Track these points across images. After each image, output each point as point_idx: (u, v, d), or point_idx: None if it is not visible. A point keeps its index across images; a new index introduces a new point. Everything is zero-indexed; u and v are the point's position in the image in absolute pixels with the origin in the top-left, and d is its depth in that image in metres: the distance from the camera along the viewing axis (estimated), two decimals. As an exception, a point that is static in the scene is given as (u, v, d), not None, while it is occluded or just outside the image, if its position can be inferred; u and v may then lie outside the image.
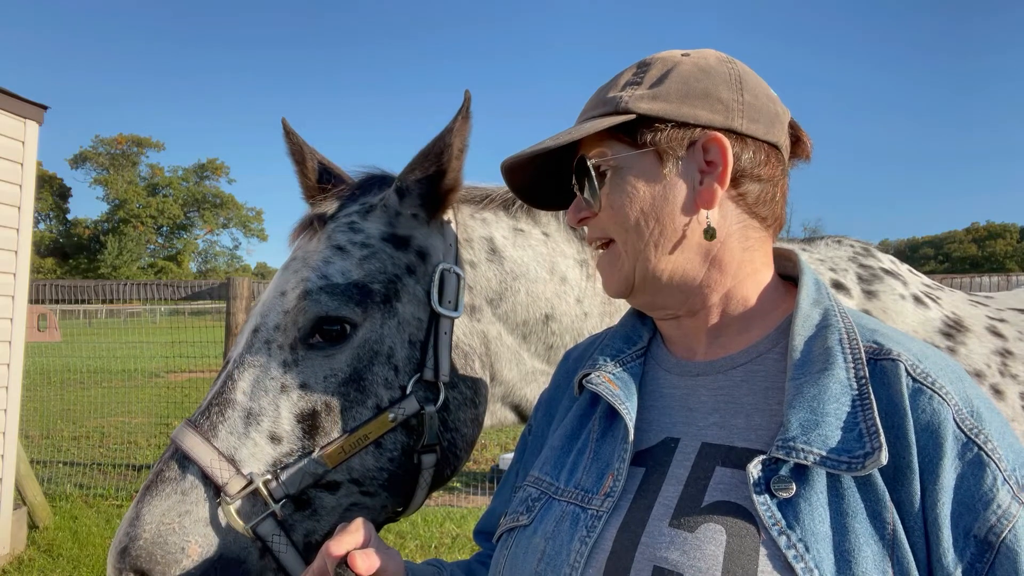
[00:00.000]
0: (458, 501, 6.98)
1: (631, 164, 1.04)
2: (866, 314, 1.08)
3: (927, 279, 1.90)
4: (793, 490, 0.83)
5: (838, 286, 1.73)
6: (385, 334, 1.39)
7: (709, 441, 0.95)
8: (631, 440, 0.99)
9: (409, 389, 1.38)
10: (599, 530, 0.92)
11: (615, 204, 1.05)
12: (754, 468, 0.86)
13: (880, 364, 0.90)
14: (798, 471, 0.85)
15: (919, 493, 0.82)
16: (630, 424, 1.00)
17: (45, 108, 5.87)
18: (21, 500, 5.98)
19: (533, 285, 1.61)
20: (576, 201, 1.13)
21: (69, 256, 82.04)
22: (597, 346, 1.19)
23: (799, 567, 0.79)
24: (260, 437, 1.30)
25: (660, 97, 1.03)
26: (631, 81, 1.07)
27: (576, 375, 1.16)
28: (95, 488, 7.46)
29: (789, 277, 1.11)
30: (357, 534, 1.03)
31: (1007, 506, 0.81)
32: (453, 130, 1.45)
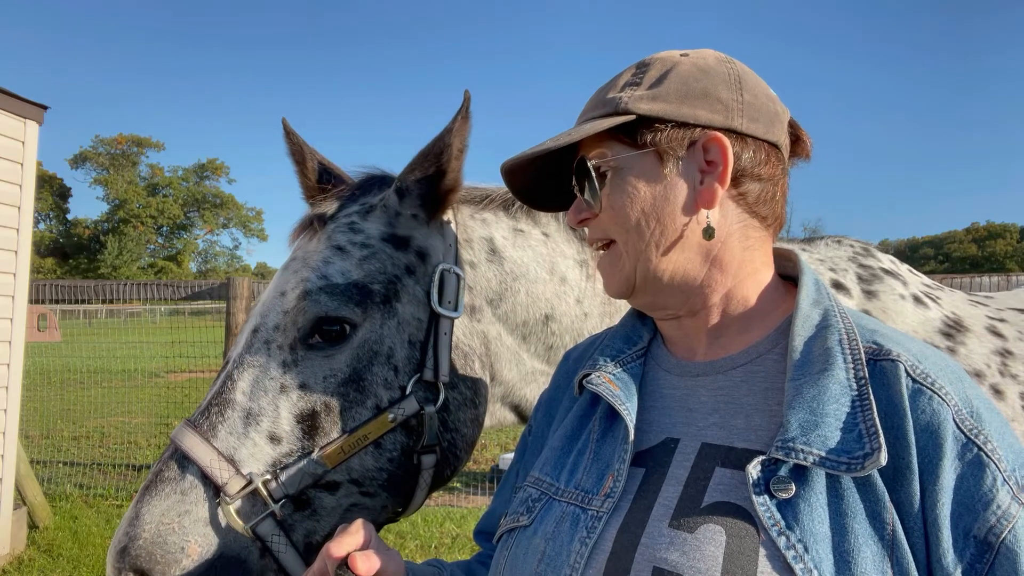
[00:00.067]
0: (458, 501, 6.98)
1: (631, 165, 1.04)
2: (866, 314, 1.08)
3: (927, 279, 1.90)
4: (792, 491, 0.83)
5: (838, 286, 1.73)
6: (385, 334, 1.39)
7: (709, 441, 0.95)
8: (631, 441, 0.99)
9: (409, 389, 1.38)
10: (599, 531, 0.92)
11: (616, 205, 1.05)
12: (753, 469, 0.86)
13: (880, 365, 0.90)
14: (797, 472, 0.85)
15: (919, 494, 0.82)
16: (630, 425, 1.00)
17: (45, 108, 5.87)
18: (21, 500, 5.98)
19: (533, 285, 1.61)
20: (576, 202, 1.13)
21: (69, 256, 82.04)
22: (597, 346, 1.19)
23: (798, 568, 0.79)
24: (259, 437, 1.30)
25: (660, 97, 1.02)
26: (630, 82, 1.07)
27: (576, 375, 1.16)
28: (95, 488, 7.46)
29: (789, 277, 1.11)
30: (357, 535, 1.02)
31: (1007, 507, 0.81)
32: (453, 130, 1.45)
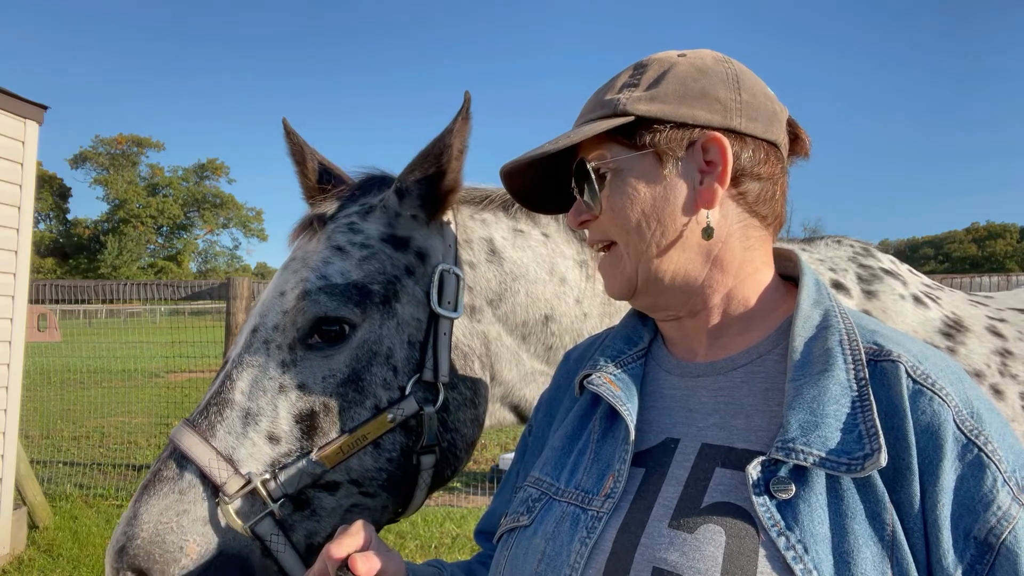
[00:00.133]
0: (458, 501, 6.98)
1: (631, 166, 1.04)
2: (866, 314, 1.08)
3: (927, 279, 1.90)
4: (792, 491, 0.83)
5: (838, 286, 1.72)
6: (384, 335, 1.39)
7: (709, 442, 0.95)
8: (632, 441, 0.99)
9: (408, 390, 1.38)
10: (599, 531, 0.92)
11: (616, 206, 1.05)
12: (753, 469, 0.86)
13: (880, 365, 0.90)
14: (797, 472, 0.85)
15: (919, 494, 0.82)
16: (631, 425, 1.00)
17: (45, 108, 5.88)
18: (21, 500, 5.98)
19: (532, 286, 1.61)
20: (576, 204, 1.13)
21: (69, 256, 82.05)
22: (598, 347, 1.18)
23: (798, 568, 0.79)
24: (258, 437, 1.30)
25: (658, 98, 1.02)
26: (628, 83, 1.06)
27: (576, 376, 1.16)
28: (95, 488, 7.46)
29: (789, 277, 1.11)
30: (357, 536, 1.02)
31: (1007, 507, 0.81)
32: (453, 131, 1.45)
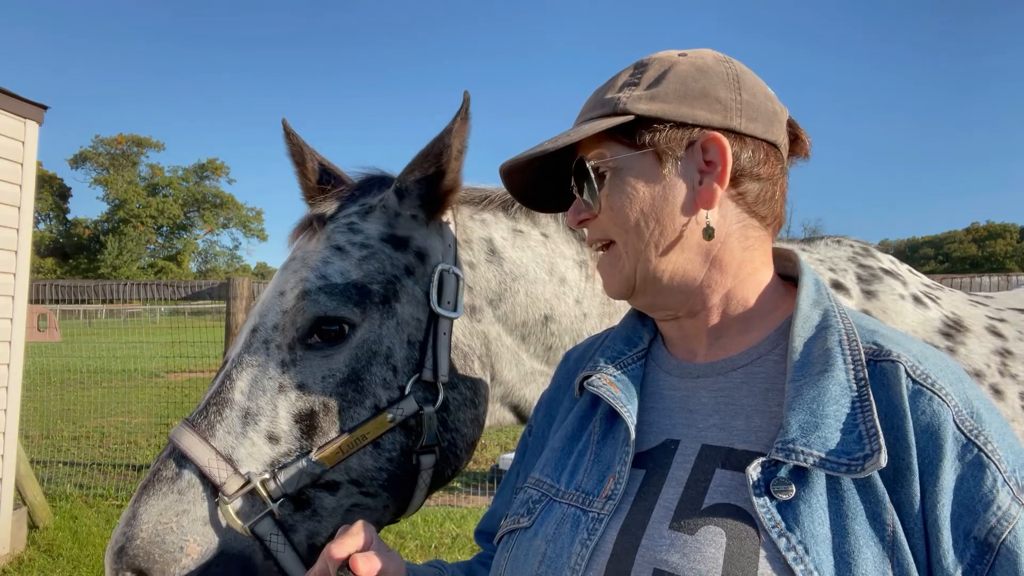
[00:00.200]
0: (458, 501, 6.98)
1: (630, 165, 1.04)
2: (866, 314, 1.07)
3: (927, 279, 1.90)
4: (793, 492, 0.83)
5: (837, 286, 1.72)
6: (384, 334, 1.39)
7: (709, 443, 0.95)
8: (632, 443, 0.99)
9: (408, 389, 1.38)
10: (600, 533, 0.92)
11: (615, 205, 1.05)
12: (753, 470, 0.86)
13: (880, 365, 0.90)
14: (798, 473, 0.85)
15: (919, 495, 0.82)
16: (631, 427, 1.00)
17: (45, 108, 5.87)
18: (21, 500, 5.98)
19: (532, 286, 1.61)
20: (576, 203, 1.13)
21: (69, 256, 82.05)
22: (597, 347, 1.18)
23: (799, 569, 0.79)
24: (258, 437, 1.30)
25: (658, 98, 1.02)
26: (628, 82, 1.06)
27: (576, 376, 1.16)
28: (95, 488, 7.46)
29: (789, 277, 1.11)
30: (358, 537, 1.02)
31: (1007, 508, 0.81)
32: (452, 131, 1.45)
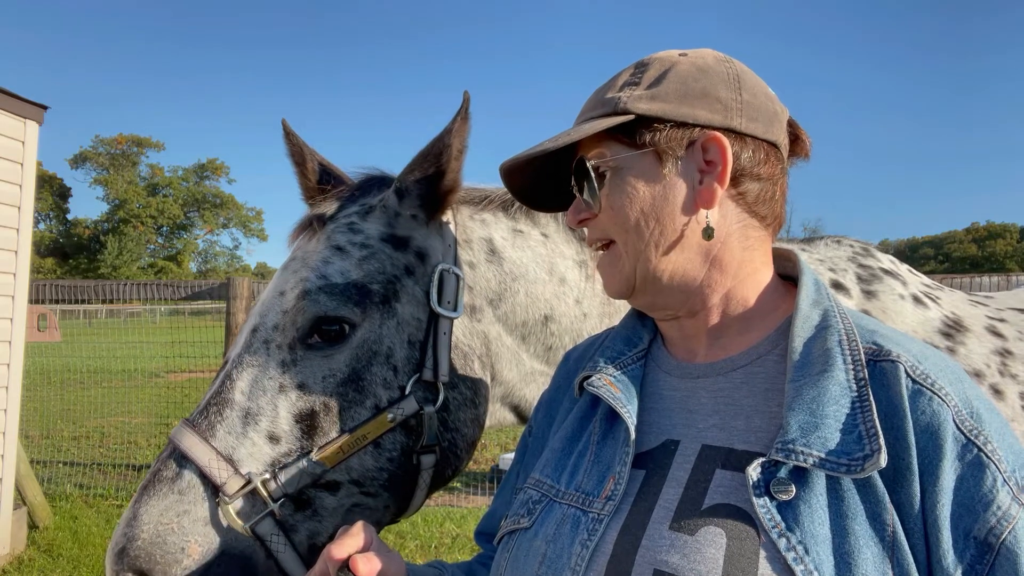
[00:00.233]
0: (458, 501, 6.98)
1: (630, 165, 1.04)
2: (866, 314, 1.07)
3: (927, 279, 1.90)
4: (792, 492, 0.83)
5: (837, 286, 1.72)
6: (384, 334, 1.39)
7: (709, 443, 0.95)
8: (632, 443, 0.99)
9: (408, 389, 1.38)
10: (600, 533, 0.92)
11: (615, 205, 1.05)
12: (753, 471, 0.86)
13: (880, 365, 0.90)
14: (797, 473, 0.85)
15: (919, 495, 0.82)
16: (631, 427, 1.00)
17: (45, 108, 5.87)
18: (21, 500, 5.98)
19: (532, 286, 1.61)
20: (576, 202, 1.13)
21: (69, 256, 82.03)
22: (597, 347, 1.18)
23: (799, 569, 0.79)
24: (258, 437, 1.30)
25: (658, 97, 1.02)
26: (629, 82, 1.06)
27: (576, 377, 1.16)
28: (95, 488, 7.46)
29: (789, 277, 1.11)
30: (358, 537, 1.02)
31: (1007, 508, 0.81)
32: (452, 131, 1.45)
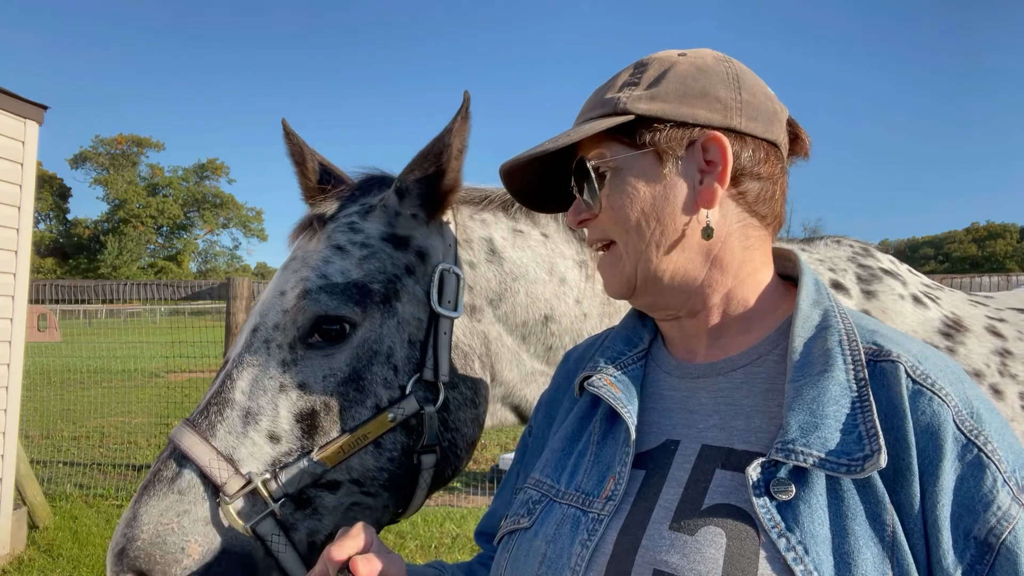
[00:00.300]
0: (458, 501, 6.98)
1: (631, 165, 1.04)
2: (865, 314, 1.08)
3: (927, 279, 1.90)
4: (792, 492, 0.83)
5: (837, 286, 1.72)
6: (384, 334, 1.39)
7: (709, 443, 0.95)
8: (632, 443, 0.99)
9: (409, 389, 1.38)
10: (600, 533, 0.92)
11: (615, 205, 1.05)
12: (753, 471, 0.86)
13: (880, 366, 0.90)
14: (797, 473, 0.85)
15: (919, 495, 0.82)
16: (631, 427, 1.00)
17: (45, 108, 5.88)
18: (21, 500, 5.98)
19: (532, 286, 1.61)
20: (576, 203, 1.13)
21: (69, 256, 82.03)
22: (597, 347, 1.18)
23: (799, 569, 0.79)
24: (259, 436, 1.30)
25: (658, 97, 1.02)
26: (628, 82, 1.06)
27: (576, 377, 1.16)
28: (95, 488, 7.46)
29: (789, 277, 1.11)
30: (358, 538, 1.02)
31: (1007, 508, 0.81)
32: (452, 131, 1.45)
